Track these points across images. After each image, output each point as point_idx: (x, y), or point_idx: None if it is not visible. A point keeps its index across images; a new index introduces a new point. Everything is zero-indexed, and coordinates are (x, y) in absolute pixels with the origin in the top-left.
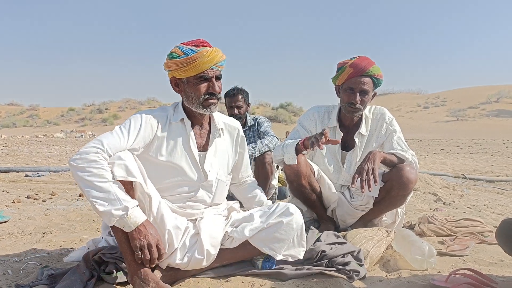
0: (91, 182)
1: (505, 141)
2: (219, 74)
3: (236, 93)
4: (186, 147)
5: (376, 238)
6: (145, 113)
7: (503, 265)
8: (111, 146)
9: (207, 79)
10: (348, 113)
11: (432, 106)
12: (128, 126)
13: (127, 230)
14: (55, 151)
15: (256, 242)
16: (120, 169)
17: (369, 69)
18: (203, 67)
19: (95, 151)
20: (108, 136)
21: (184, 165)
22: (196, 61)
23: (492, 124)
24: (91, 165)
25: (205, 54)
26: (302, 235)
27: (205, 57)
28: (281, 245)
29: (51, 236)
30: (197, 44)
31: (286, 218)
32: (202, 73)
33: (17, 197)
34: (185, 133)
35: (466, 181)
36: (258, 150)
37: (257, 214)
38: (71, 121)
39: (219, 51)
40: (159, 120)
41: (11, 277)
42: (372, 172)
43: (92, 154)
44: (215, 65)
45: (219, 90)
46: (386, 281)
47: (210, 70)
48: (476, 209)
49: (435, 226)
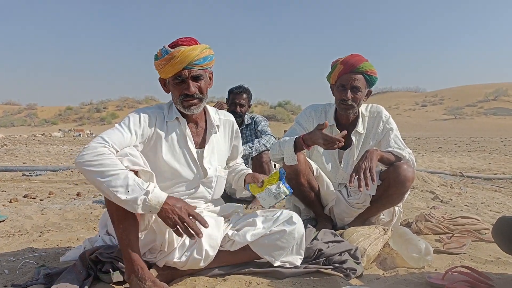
0: (106, 172)
1: (503, 139)
2: (196, 74)
3: (242, 92)
4: (183, 145)
5: (373, 236)
6: (143, 110)
7: (499, 263)
8: (115, 141)
9: (183, 80)
10: (342, 110)
11: (430, 104)
12: (127, 122)
13: (154, 212)
14: (52, 150)
15: (256, 247)
16: (129, 162)
17: (359, 66)
18: (175, 67)
19: (102, 145)
20: (110, 132)
21: (183, 164)
22: (169, 62)
23: (490, 122)
24: (103, 157)
25: (176, 55)
26: (302, 244)
27: (176, 58)
28: (281, 253)
29: (48, 235)
30: (176, 43)
31: (289, 227)
32: (176, 74)
33: (14, 196)
34: (181, 131)
35: (463, 179)
36: (255, 150)
37: (259, 219)
38: (69, 120)
39: (196, 49)
40: (157, 116)
41: (7, 277)
42: (370, 170)
43: (99, 148)
44: (191, 65)
45: (195, 91)
46: (383, 279)
47: (184, 71)
48: (473, 207)
49: (432, 224)
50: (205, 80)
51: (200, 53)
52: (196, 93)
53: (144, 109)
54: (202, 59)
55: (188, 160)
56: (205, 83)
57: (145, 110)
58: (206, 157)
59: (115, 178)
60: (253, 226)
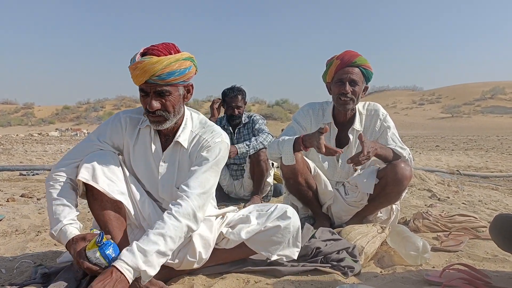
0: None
1: (500, 137)
2: (160, 90)
3: (236, 94)
4: (147, 157)
5: (370, 234)
6: (114, 118)
7: (496, 260)
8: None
9: (147, 94)
10: (340, 106)
11: (427, 103)
12: (95, 134)
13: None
14: (50, 150)
15: (252, 244)
16: (86, 172)
17: (356, 59)
18: (137, 80)
19: (58, 172)
20: (76, 147)
21: (144, 174)
22: (132, 73)
23: (487, 120)
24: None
25: (138, 67)
26: (298, 236)
27: (136, 70)
28: (277, 247)
29: (45, 234)
30: (146, 52)
31: (283, 222)
32: (141, 87)
33: (11, 195)
34: (149, 142)
35: (461, 177)
36: (252, 148)
37: (253, 215)
38: (66, 120)
39: (161, 62)
40: (130, 122)
41: (4, 276)
42: (368, 153)
43: (53, 176)
44: (153, 79)
45: (156, 107)
46: (380, 277)
47: (146, 85)
48: (470, 205)
49: (430, 222)
50: (173, 96)
51: (165, 67)
52: (158, 111)
53: (118, 115)
54: (166, 74)
55: (148, 173)
56: (173, 99)
57: (117, 117)
58: (161, 174)
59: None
60: (247, 222)
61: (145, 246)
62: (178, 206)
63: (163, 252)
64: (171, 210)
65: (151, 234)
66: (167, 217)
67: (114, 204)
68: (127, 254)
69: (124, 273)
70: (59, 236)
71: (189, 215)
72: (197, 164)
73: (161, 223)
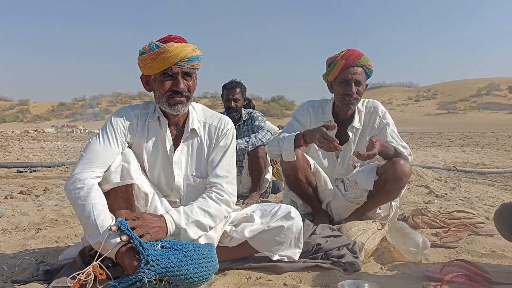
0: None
1: (495, 133)
2: (188, 71)
3: (234, 86)
4: (161, 148)
5: (370, 231)
6: (123, 114)
7: (495, 256)
8: (99, 164)
9: (172, 76)
10: (344, 106)
11: (423, 99)
12: (106, 131)
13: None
14: (46, 147)
15: (255, 243)
16: (117, 174)
17: (361, 59)
18: (166, 62)
19: (80, 182)
20: (92, 150)
21: (159, 167)
22: (160, 56)
23: (483, 116)
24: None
25: (168, 50)
26: (300, 237)
27: (168, 52)
28: (279, 247)
29: (45, 231)
30: (167, 39)
31: (287, 222)
32: (166, 70)
33: (9, 192)
34: (161, 133)
35: (457, 174)
36: (251, 144)
37: (257, 214)
38: (61, 116)
39: (189, 47)
40: (139, 118)
41: (6, 273)
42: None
43: (77, 185)
44: (182, 61)
45: (184, 88)
46: (381, 273)
47: (175, 66)
48: (468, 201)
49: (428, 218)
50: (193, 80)
51: (192, 51)
52: (185, 91)
53: (126, 111)
54: (194, 58)
55: (164, 164)
56: (193, 82)
57: (126, 113)
58: (176, 162)
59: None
60: (251, 221)
61: (189, 211)
62: (216, 194)
63: (202, 223)
64: (211, 194)
65: (195, 207)
66: (209, 198)
67: (125, 196)
68: (174, 211)
69: (167, 224)
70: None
71: (228, 202)
72: (219, 152)
73: (204, 201)
